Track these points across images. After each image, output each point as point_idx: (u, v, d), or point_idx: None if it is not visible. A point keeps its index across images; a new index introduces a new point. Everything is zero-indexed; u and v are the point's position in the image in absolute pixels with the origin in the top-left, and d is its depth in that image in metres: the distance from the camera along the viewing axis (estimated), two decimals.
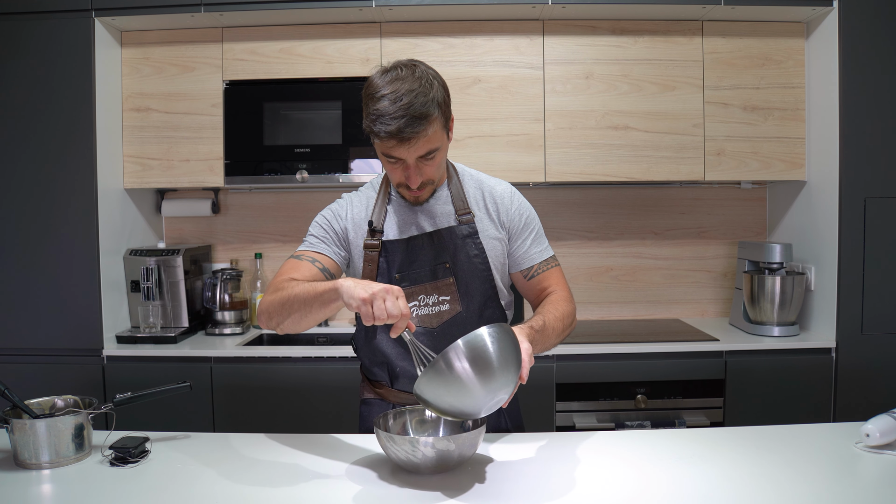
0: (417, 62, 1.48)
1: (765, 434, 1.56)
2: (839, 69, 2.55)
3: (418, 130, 1.41)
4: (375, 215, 1.60)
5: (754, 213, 3.16)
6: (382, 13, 2.66)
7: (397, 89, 1.40)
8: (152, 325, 2.78)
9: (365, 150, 2.76)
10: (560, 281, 1.68)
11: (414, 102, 1.39)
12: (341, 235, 1.62)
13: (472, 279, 1.60)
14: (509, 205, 1.64)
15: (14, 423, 1.39)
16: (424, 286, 1.59)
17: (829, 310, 2.63)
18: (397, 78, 1.42)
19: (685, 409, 2.56)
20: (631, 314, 3.16)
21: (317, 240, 1.61)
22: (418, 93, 1.41)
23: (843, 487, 1.27)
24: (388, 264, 1.58)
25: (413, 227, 1.60)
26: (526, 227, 1.64)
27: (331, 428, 1.73)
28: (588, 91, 2.77)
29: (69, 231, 2.61)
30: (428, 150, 1.46)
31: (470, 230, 1.60)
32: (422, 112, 1.40)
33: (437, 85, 1.46)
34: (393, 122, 1.39)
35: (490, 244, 1.61)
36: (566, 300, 1.63)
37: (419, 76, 1.43)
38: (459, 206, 1.61)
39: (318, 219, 1.64)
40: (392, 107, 1.39)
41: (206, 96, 2.78)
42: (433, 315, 1.59)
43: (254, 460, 1.44)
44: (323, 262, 1.58)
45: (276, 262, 3.15)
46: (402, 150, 1.44)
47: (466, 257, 1.59)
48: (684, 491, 1.26)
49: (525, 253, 1.65)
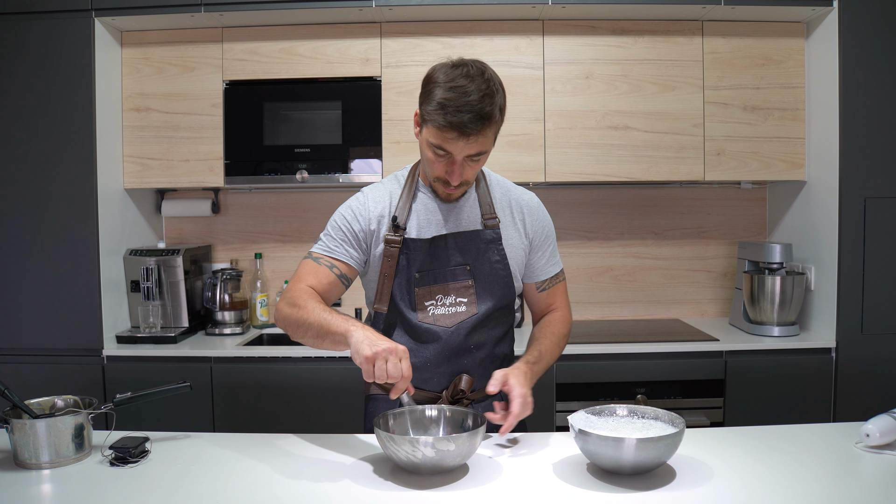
0: (486, 65, 1.49)
1: (765, 434, 1.56)
2: (839, 69, 2.55)
3: (480, 129, 1.42)
4: (399, 210, 1.59)
5: (754, 213, 3.16)
6: (382, 13, 2.66)
7: (467, 84, 1.42)
8: (152, 325, 2.77)
9: (365, 150, 2.76)
10: (563, 299, 1.75)
11: (483, 101, 1.41)
12: (360, 237, 1.59)
13: (491, 283, 1.60)
14: (536, 216, 1.67)
15: (14, 423, 1.39)
16: (443, 286, 1.59)
17: (829, 310, 2.63)
18: (468, 74, 1.43)
19: (685, 409, 2.56)
20: (631, 314, 3.16)
21: (335, 242, 1.59)
22: (486, 93, 1.42)
23: (843, 487, 1.27)
24: (409, 262, 1.58)
25: (436, 227, 1.60)
26: (547, 239, 1.68)
27: (331, 428, 1.73)
28: (588, 91, 2.77)
29: (69, 231, 2.61)
30: (479, 151, 1.47)
31: (494, 235, 1.60)
32: (488, 112, 1.42)
33: (502, 92, 1.48)
34: (459, 115, 1.40)
35: (512, 251, 1.62)
36: (564, 322, 1.72)
37: (488, 78, 1.45)
38: (486, 210, 1.61)
39: (337, 217, 1.62)
40: (462, 99, 1.40)
41: (206, 96, 2.78)
42: (448, 315, 1.59)
43: (254, 460, 1.44)
44: (340, 269, 1.58)
45: (276, 262, 3.15)
46: (458, 145, 1.44)
47: (488, 262, 1.60)
48: (684, 491, 1.26)
49: (543, 266, 1.69)
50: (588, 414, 1.43)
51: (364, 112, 2.76)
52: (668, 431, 1.34)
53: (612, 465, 1.30)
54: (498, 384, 1.48)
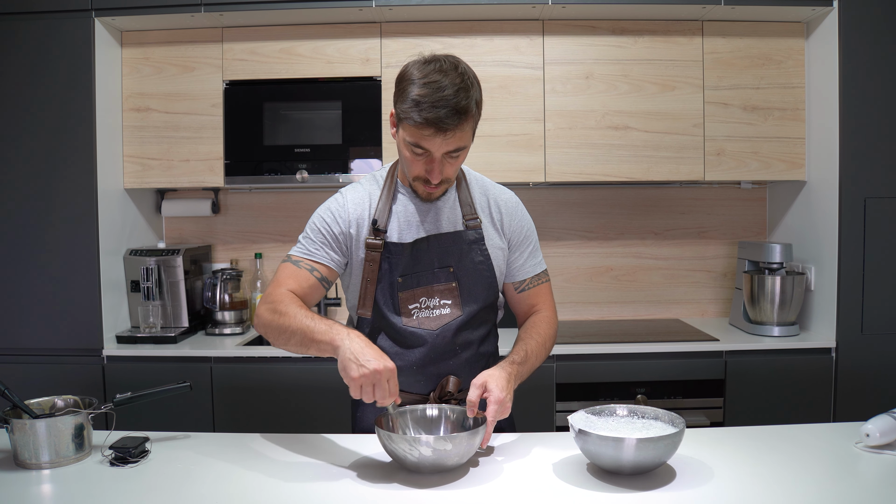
0: (459, 59, 1.47)
1: (765, 434, 1.56)
2: (839, 69, 2.55)
3: (457, 123, 1.40)
4: (379, 213, 1.57)
5: (754, 213, 3.16)
6: (382, 13, 2.66)
7: (441, 80, 1.40)
8: (152, 325, 2.77)
9: (365, 150, 2.76)
10: (547, 299, 1.70)
11: (458, 95, 1.39)
12: (340, 239, 1.58)
13: (475, 284, 1.59)
14: (513, 215, 1.64)
15: (14, 423, 1.39)
16: (427, 289, 1.58)
17: (829, 310, 2.63)
18: (441, 70, 1.41)
19: (685, 409, 2.56)
20: (631, 314, 3.16)
21: (314, 245, 1.57)
22: (461, 87, 1.40)
23: (843, 487, 1.27)
24: (391, 266, 1.56)
25: (417, 229, 1.58)
26: (526, 239, 1.65)
27: (331, 428, 1.72)
28: (588, 91, 2.77)
29: (69, 231, 2.61)
30: (457, 147, 1.45)
31: (477, 236, 1.59)
32: (464, 106, 1.40)
33: (477, 85, 1.46)
34: (433, 111, 1.38)
35: (494, 251, 1.61)
36: (549, 322, 1.66)
37: (462, 72, 1.43)
38: (467, 210, 1.60)
39: (316, 219, 1.60)
40: (435, 95, 1.38)
41: (206, 96, 2.78)
42: (433, 318, 1.58)
43: (254, 460, 1.44)
44: (321, 272, 1.56)
45: (276, 262, 3.14)
46: (435, 142, 1.42)
47: (471, 263, 1.58)
48: (684, 491, 1.26)
49: (521, 266, 1.66)
50: (588, 414, 1.43)
51: (364, 112, 2.76)
52: (668, 431, 1.35)
53: (612, 465, 1.30)
54: (477, 392, 1.42)
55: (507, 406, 1.43)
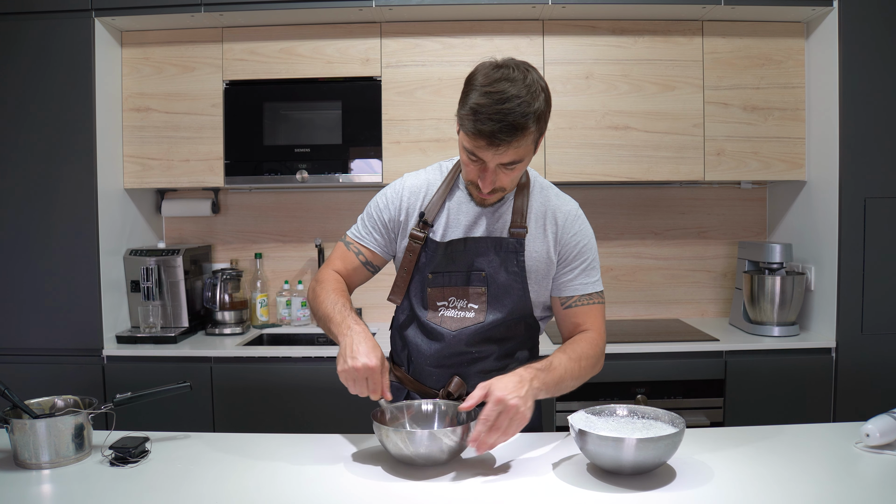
0: (531, 67, 1.42)
1: (765, 434, 1.56)
2: (839, 69, 2.55)
3: (511, 139, 1.36)
4: (431, 206, 1.57)
5: (754, 213, 3.16)
6: (382, 13, 2.66)
7: (504, 90, 1.35)
8: (152, 325, 2.78)
9: (365, 150, 2.76)
10: (596, 322, 1.59)
11: (515, 110, 1.34)
12: (389, 226, 1.61)
13: (504, 294, 1.56)
14: (569, 229, 1.57)
15: (14, 423, 1.39)
16: (457, 289, 1.57)
17: (829, 310, 2.63)
18: (507, 78, 1.37)
19: (685, 409, 2.56)
20: (631, 314, 3.16)
21: (366, 229, 1.63)
22: (522, 101, 1.35)
23: (843, 487, 1.27)
24: (428, 261, 1.58)
25: (462, 229, 1.57)
26: (579, 255, 1.57)
27: (330, 427, 1.72)
28: (588, 91, 2.77)
29: (69, 231, 2.61)
30: (513, 160, 1.41)
31: (517, 246, 1.55)
32: (520, 122, 1.35)
33: (543, 98, 1.40)
34: (488, 123, 1.34)
35: (533, 263, 1.56)
36: (590, 342, 1.55)
37: (528, 84, 1.37)
38: (517, 219, 1.55)
39: (373, 203, 1.64)
40: (494, 107, 1.34)
41: (206, 96, 2.78)
42: (456, 319, 1.58)
43: (254, 460, 1.44)
44: (366, 256, 1.63)
45: (276, 262, 3.15)
46: (488, 153, 1.39)
47: (505, 272, 1.56)
48: (684, 491, 1.26)
49: (569, 281, 1.58)
50: (588, 414, 1.43)
51: (364, 112, 2.76)
52: (668, 431, 1.34)
53: (612, 466, 1.30)
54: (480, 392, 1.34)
55: (523, 412, 1.32)
